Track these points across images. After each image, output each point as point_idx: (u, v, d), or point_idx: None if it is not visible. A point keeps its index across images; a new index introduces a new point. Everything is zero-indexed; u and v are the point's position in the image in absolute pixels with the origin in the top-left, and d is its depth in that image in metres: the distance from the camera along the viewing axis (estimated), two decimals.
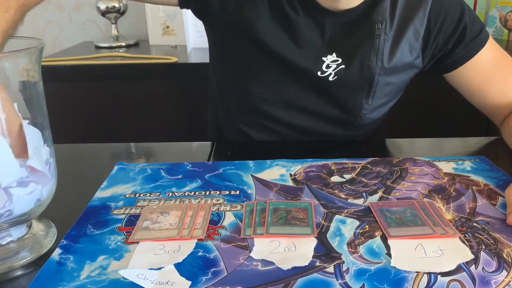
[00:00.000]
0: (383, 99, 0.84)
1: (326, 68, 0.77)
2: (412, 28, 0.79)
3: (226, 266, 0.46)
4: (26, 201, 0.47)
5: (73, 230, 0.54)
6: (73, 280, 0.45)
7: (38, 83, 0.50)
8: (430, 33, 0.81)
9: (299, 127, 0.86)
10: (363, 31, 0.78)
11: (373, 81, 0.79)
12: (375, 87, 0.80)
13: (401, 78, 0.83)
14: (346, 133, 0.88)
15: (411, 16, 0.79)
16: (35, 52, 0.48)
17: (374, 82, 0.79)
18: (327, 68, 0.77)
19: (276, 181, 0.65)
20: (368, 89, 0.80)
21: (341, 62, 0.77)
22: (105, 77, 1.45)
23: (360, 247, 0.49)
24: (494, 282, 0.44)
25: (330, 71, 0.77)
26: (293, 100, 0.83)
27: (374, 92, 0.81)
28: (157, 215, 0.56)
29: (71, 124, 1.46)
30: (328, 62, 0.77)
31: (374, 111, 0.84)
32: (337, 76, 0.78)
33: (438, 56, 0.83)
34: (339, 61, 0.77)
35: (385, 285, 0.43)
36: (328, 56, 0.77)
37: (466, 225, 0.53)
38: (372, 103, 0.82)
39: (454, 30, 0.80)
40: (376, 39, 0.77)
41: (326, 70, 0.77)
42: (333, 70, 0.77)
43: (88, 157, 0.80)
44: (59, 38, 1.92)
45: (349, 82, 0.79)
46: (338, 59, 0.77)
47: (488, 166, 0.69)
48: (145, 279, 0.44)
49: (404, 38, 0.79)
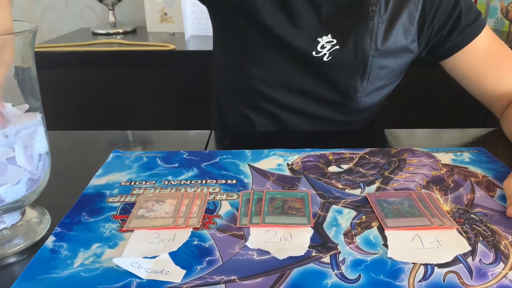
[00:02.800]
0: (378, 83, 0.84)
1: (321, 49, 0.78)
2: (407, 11, 0.79)
3: (222, 255, 0.46)
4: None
5: (67, 218, 0.53)
6: (67, 267, 0.44)
7: (32, 67, 0.49)
8: (425, 18, 0.81)
9: (297, 109, 0.86)
10: (357, 12, 0.78)
11: (367, 62, 0.79)
12: (369, 69, 0.80)
13: (396, 62, 0.83)
14: (342, 118, 0.88)
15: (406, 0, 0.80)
16: (29, 36, 0.47)
17: (368, 64, 0.80)
18: (322, 48, 0.78)
19: (273, 170, 0.64)
20: (363, 71, 0.80)
21: (336, 43, 0.78)
22: (102, 64, 1.43)
23: (356, 238, 0.49)
24: (491, 274, 0.43)
25: (324, 51, 0.78)
26: (290, 82, 0.83)
27: (369, 74, 0.81)
28: (152, 204, 0.55)
29: (67, 111, 1.45)
30: (323, 43, 0.78)
31: (369, 95, 0.84)
32: (332, 56, 0.79)
33: (433, 41, 0.83)
34: (333, 42, 0.78)
35: (381, 276, 0.43)
36: (324, 37, 0.78)
37: (463, 217, 0.53)
38: (367, 86, 0.82)
39: (450, 15, 0.80)
40: (370, 21, 0.77)
41: (321, 50, 0.78)
42: (327, 50, 0.78)
43: (83, 144, 0.79)
44: (56, 24, 1.90)
45: (343, 62, 0.80)
46: (333, 40, 0.78)
47: (487, 158, 0.68)
48: (139, 268, 0.44)
49: (398, 21, 0.79)
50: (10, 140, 0.45)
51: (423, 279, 0.43)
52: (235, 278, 0.43)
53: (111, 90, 1.47)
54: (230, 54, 0.88)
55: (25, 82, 0.49)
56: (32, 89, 0.50)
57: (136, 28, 1.77)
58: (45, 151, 0.50)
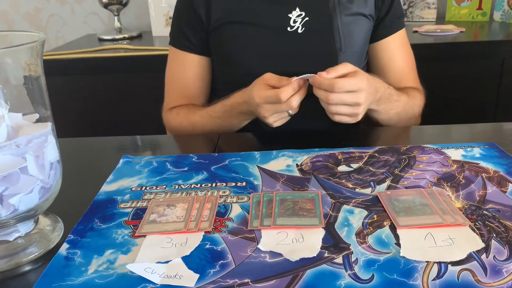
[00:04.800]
0: (354, 48, 0.89)
1: (293, 23, 0.87)
2: None
3: (234, 259, 0.46)
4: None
5: (80, 225, 0.53)
6: (81, 275, 0.45)
7: (41, 77, 0.50)
8: None
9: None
10: None
11: (338, 26, 0.87)
12: (342, 32, 0.87)
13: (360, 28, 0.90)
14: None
15: None
16: (37, 46, 0.47)
17: (340, 27, 0.87)
18: (294, 23, 0.87)
19: (282, 171, 0.64)
20: (337, 35, 0.87)
21: (305, 15, 0.87)
22: (108, 70, 1.44)
23: (368, 237, 0.49)
24: (505, 271, 0.43)
25: (297, 25, 0.87)
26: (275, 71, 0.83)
27: (344, 37, 0.87)
28: (163, 208, 0.56)
29: (75, 118, 1.46)
30: (294, 18, 0.87)
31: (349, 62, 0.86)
32: (305, 27, 0.87)
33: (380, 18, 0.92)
34: (303, 14, 0.87)
35: (394, 276, 0.43)
36: (293, 12, 0.86)
37: (476, 213, 0.53)
38: (346, 51, 0.87)
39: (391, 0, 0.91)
40: None
41: (294, 24, 0.87)
42: (300, 23, 0.87)
43: (93, 151, 0.79)
44: (62, 32, 1.92)
45: (316, 31, 0.87)
46: (301, 13, 0.86)
47: (498, 153, 0.68)
48: (153, 273, 0.44)
49: None
50: (21, 150, 0.46)
51: (437, 278, 0.42)
52: (248, 281, 0.43)
53: (118, 95, 1.47)
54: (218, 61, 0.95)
55: (35, 92, 0.50)
56: (42, 98, 0.50)
57: (142, 32, 1.77)
58: (56, 160, 0.51)
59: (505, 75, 1.41)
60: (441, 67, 0.96)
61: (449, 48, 1.40)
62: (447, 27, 1.55)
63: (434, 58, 0.96)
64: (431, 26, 1.58)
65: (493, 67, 1.41)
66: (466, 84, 1.41)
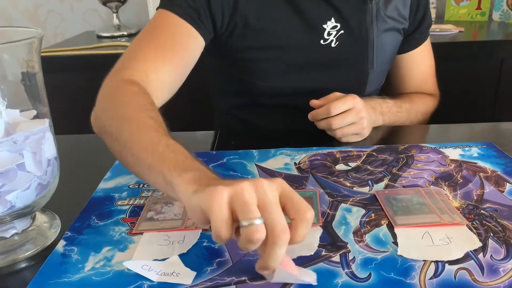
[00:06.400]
0: (384, 65, 0.87)
1: (327, 36, 0.79)
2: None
3: (231, 256, 0.46)
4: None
5: (77, 222, 0.53)
6: (78, 272, 0.45)
7: (38, 74, 0.49)
8: (419, 3, 0.87)
9: (306, 109, 0.85)
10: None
11: (373, 44, 0.82)
12: (376, 50, 0.83)
13: (393, 39, 0.86)
14: None
15: None
16: (35, 43, 0.47)
17: (374, 45, 0.82)
18: (328, 35, 0.79)
19: (280, 170, 0.64)
20: (371, 52, 0.82)
21: (340, 27, 0.79)
22: (107, 67, 1.43)
23: (366, 236, 0.49)
24: (502, 270, 0.43)
25: (331, 38, 0.79)
26: (301, 85, 0.83)
27: (377, 56, 0.83)
28: (161, 206, 0.56)
29: (74, 115, 1.45)
30: (328, 29, 0.79)
31: (375, 79, 0.87)
32: (339, 41, 0.80)
33: (410, 31, 0.89)
34: (338, 27, 0.79)
35: (392, 274, 0.43)
36: (328, 22, 0.79)
37: (473, 213, 0.53)
38: (376, 69, 0.84)
39: (424, 11, 0.88)
40: (368, 4, 0.80)
41: (328, 37, 0.79)
42: (334, 36, 0.79)
43: (91, 148, 0.79)
44: (60, 28, 1.91)
45: (351, 46, 0.81)
46: (337, 25, 0.79)
47: (495, 152, 0.68)
48: (149, 270, 0.44)
49: (391, 4, 0.84)
50: (18, 146, 0.46)
51: (434, 277, 0.42)
52: (246, 279, 0.43)
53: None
54: (230, 76, 0.87)
55: (32, 88, 0.49)
56: (39, 94, 0.50)
57: (141, 29, 1.77)
58: (53, 156, 0.51)
59: (503, 75, 1.41)
60: (440, 67, 0.96)
61: (448, 48, 1.40)
62: (446, 27, 1.55)
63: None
64: None
65: (491, 67, 1.41)
66: (464, 84, 1.41)
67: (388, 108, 0.82)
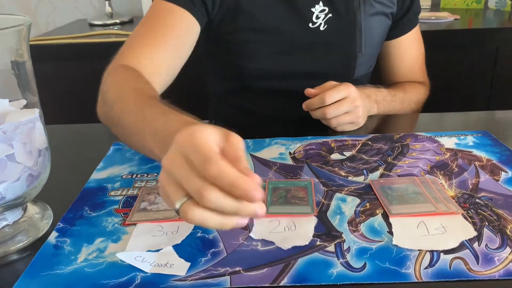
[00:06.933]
0: (372, 49, 0.86)
1: (315, 19, 0.80)
2: None
3: (226, 247, 0.46)
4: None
5: (69, 213, 0.53)
6: (70, 263, 0.44)
7: (27, 62, 0.48)
8: None
9: (296, 93, 0.83)
10: None
11: (361, 26, 0.82)
12: (364, 33, 0.82)
13: (380, 23, 0.86)
14: None
15: None
16: (23, 30, 0.46)
17: (362, 28, 0.82)
18: (316, 19, 0.80)
19: (275, 159, 0.64)
20: (359, 36, 0.82)
21: (328, 11, 0.80)
22: (99, 56, 1.41)
23: (361, 226, 0.49)
24: (497, 259, 0.43)
25: (320, 21, 0.80)
26: (291, 68, 0.83)
27: (365, 39, 0.83)
28: (154, 196, 0.55)
29: (65, 104, 1.44)
30: (316, 13, 0.80)
31: (364, 63, 0.86)
32: (327, 25, 0.81)
33: (398, 16, 0.89)
34: (326, 10, 0.80)
35: (387, 264, 0.43)
36: (316, 6, 0.79)
37: (468, 202, 0.52)
38: (365, 52, 0.84)
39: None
40: None
41: (316, 20, 0.80)
42: (322, 20, 0.80)
43: (83, 138, 0.78)
44: (52, 16, 1.88)
45: (339, 29, 0.81)
46: (325, 8, 0.80)
47: (491, 141, 0.68)
48: (143, 262, 0.44)
49: None
50: (8, 136, 0.45)
51: (429, 266, 0.42)
52: (240, 270, 0.43)
53: None
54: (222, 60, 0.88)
55: (21, 77, 0.48)
56: (29, 83, 0.49)
57: (133, 18, 1.75)
58: (44, 147, 0.50)
59: (499, 63, 1.40)
60: (435, 55, 0.96)
61: (443, 36, 1.39)
62: (442, 14, 1.54)
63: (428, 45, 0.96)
64: (425, 13, 1.57)
65: (487, 55, 1.40)
66: (460, 72, 1.41)
67: (382, 97, 0.82)
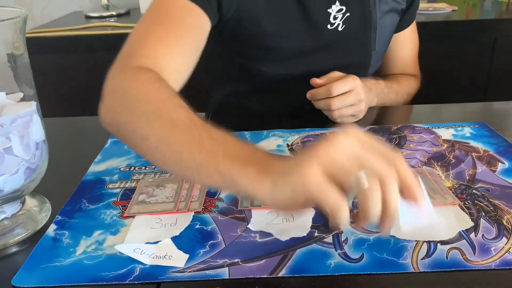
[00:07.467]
0: (384, 47, 0.86)
1: (333, 20, 0.77)
2: None
3: (224, 239, 0.46)
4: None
5: (68, 205, 0.53)
6: (69, 256, 0.44)
7: (24, 55, 0.48)
8: None
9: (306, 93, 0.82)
10: None
11: (376, 25, 0.81)
12: (377, 31, 0.81)
13: (392, 20, 0.85)
14: None
15: None
16: (19, 22, 0.46)
17: (377, 27, 0.81)
18: (334, 19, 0.77)
19: (273, 151, 0.64)
20: (374, 34, 0.81)
21: (345, 10, 0.78)
22: (96, 48, 1.41)
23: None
24: (494, 249, 0.43)
25: (338, 22, 0.77)
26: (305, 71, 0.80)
27: (379, 37, 0.82)
28: (153, 189, 0.55)
29: (62, 97, 1.43)
30: (334, 13, 0.77)
31: (377, 61, 0.86)
32: (345, 24, 0.78)
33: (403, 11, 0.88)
34: (343, 9, 0.77)
35: (384, 255, 0.43)
36: (333, 6, 0.76)
37: (465, 192, 0.53)
38: (377, 50, 0.84)
39: None
40: None
41: (334, 21, 0.77)
42: (340, 20, 0.77)
43: (80, 131, 0.78)
44: (48, 8, 1.87)
45: (356, 28, 0.80)
46: (342, 7, 0.77)
47: (488, 132, 0.68)
48: (142, 254, 0.44)
49: None
50: (5, 129, 0.45)
51: (426, 257, 0.43)
52: (238, 261, 0.43)
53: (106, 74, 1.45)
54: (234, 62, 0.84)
55: (18, 70, 0.48)
56: (26, 76, 0.49)
57: (130, 10, 1.74)
58: (41, 139, 0.50)
59: (496, 54, 1.40)
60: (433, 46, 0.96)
61: (441, 27, 1.39)
62: (440, 5, 1.53)
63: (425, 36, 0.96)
64: (423, 4, 1.57)
65: (485, 46, 1.40)
66: (457, 63, 1.41)
67: (381, 89, 0.82)
